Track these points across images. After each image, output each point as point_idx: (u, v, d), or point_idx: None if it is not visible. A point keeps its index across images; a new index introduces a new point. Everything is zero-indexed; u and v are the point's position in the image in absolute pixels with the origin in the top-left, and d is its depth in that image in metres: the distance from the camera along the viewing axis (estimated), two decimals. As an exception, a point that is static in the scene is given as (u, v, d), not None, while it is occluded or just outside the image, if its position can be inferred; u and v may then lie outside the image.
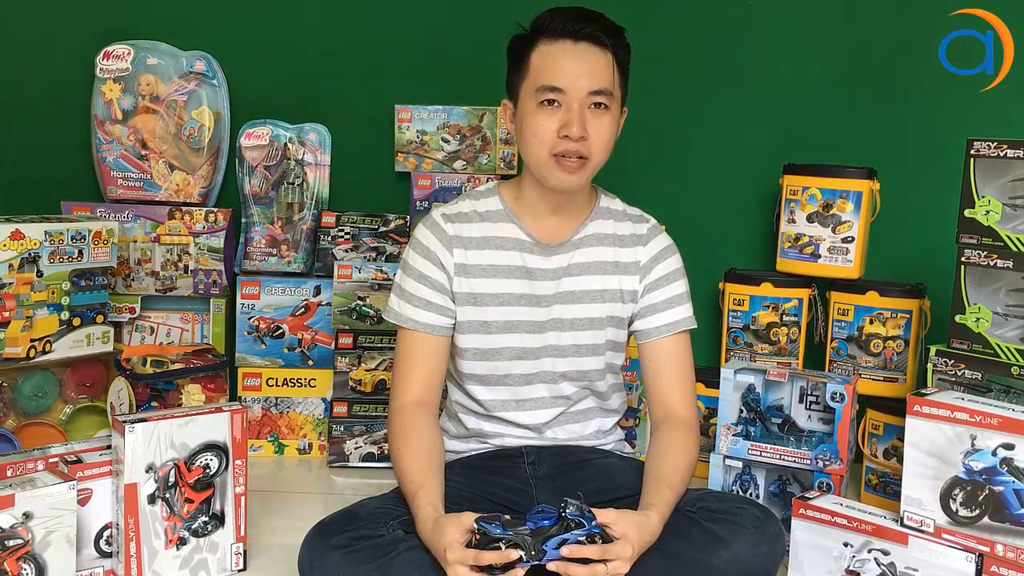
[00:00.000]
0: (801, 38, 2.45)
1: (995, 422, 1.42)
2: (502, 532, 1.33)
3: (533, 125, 1.59)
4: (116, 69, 2.47)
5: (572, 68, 1.57)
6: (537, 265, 1.68)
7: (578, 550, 1.33)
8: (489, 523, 1.34)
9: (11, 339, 2.00)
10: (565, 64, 1.57)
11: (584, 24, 1.58)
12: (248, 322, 2.43)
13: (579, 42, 1.58)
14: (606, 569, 1.34)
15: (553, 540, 1.34)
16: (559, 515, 1.35)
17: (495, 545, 1.33)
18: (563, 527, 1.34)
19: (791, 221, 2.29)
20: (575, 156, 1.58)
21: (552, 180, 1.60)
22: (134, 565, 1.63)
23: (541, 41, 1.60)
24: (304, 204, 2.50)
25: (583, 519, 1.35)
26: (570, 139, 1.56)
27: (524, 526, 1.35)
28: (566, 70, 1.57)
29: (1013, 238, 1.73)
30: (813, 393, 1.89)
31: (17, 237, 2.00)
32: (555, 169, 1.59)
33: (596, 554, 1.34)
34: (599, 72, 1.58)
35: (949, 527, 1.48)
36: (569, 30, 1.58)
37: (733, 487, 1.91)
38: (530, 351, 1.68)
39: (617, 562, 1.35)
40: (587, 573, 1.34)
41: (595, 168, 1.62)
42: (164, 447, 1.64)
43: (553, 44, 1.58)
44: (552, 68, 1.58)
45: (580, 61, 1.58)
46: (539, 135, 1.58)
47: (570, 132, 1.56)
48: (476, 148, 2.50)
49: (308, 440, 2.43)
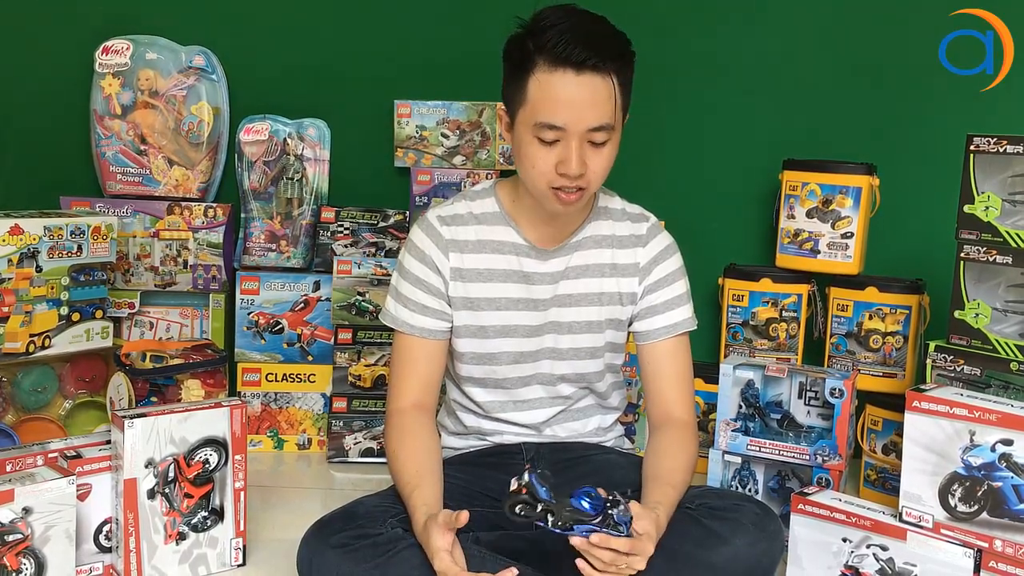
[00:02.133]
0: (801, 35, 2.45)
1: (994, 418, 1.43)
2: (547, 497, 1.32)
3: (531, 156, 1.52)
4: (115, 64, 2.46)
5: (572, 104, 1.47)
6: (534, 269, 1.67)
7: (607, 540, 1.32)
8: (540, 483, 1.32)
9: (10, 334, 2.00)
10: (565, 100, 1.47)
11: (588, 54, 1.46)
12: (247, 317, 2.43)
13: (581, 73, 1.47)
14: (627, 561, 1.34)
15: (585, 527, 1.33)
16: (604, 508, 1.34)
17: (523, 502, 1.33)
18: (604, 522, 1.33)
19: (790, 217, 2.29)
20: (574, 190, 1.53)
21: (550, 207, 1.57)
22: (133, 560, 1.63)
23: (540, 66, 1.48)
24: (303, 199, 2.50)
25: (623, 523, 1.34)
26: (568, 176, 1.50)
27: (567, 500, 1.33)
28: (566, 106, 1.48)
29: (1012, 234, 1.73)
30: (812, 389, 1.89)
31: (16, 232, 2.00)
32: (553, 200, 1.54)
33: (625, 547, 1.33)
34: (601, 106, 1.49)
35: (948, 523, 1.48)
36: (572, 60, 1.46)
37: (732, 483, 1.91)
38: (527, 354, 1.68)
39: (638, 557, 1.35)
40: (610, 560, 1.33)
41: (593, 192, 1.58)
42: (163, 442, 1.64)
43: (553, 73, 1.48)
44: (552, 104, 1.48)
45: (581, 96, 1.47)
46: (537, 168, 1.52)
47: (568, 171, 1.49)
48: (476, 144, 2.50)
49: (307, 435, 2.43)
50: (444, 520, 1.37)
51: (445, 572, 1.35)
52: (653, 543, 1.37)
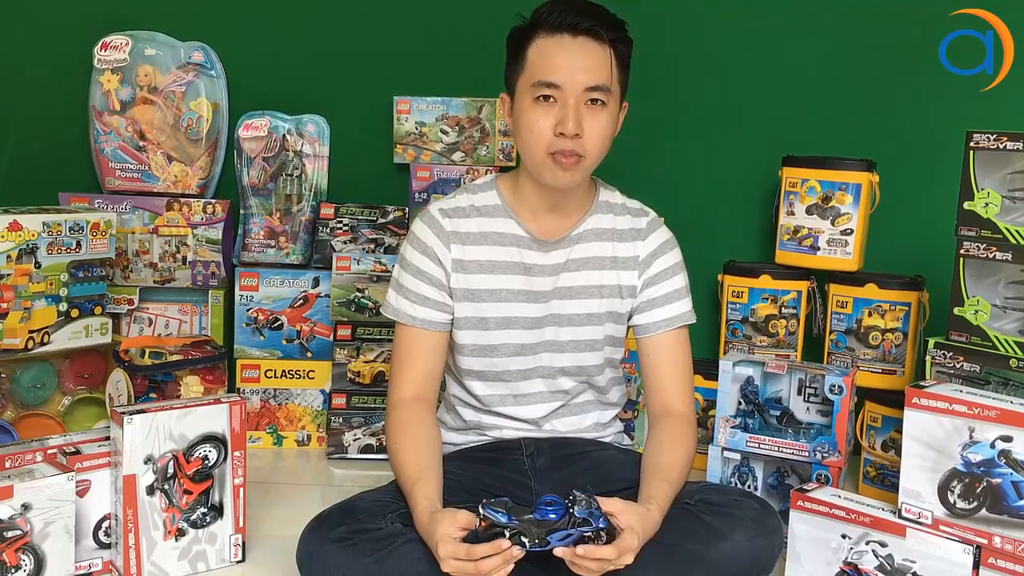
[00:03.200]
0: (801, 32, 2.45)
1: (993, 414, 1.43)
2: (507, 520, 1.32)
3: (529, 122, 1.57)
4: (114, 60, 2.46)
5: (569, 63, 1.55)
6: (535, 261, 1.68)
7: (593, 551, 1.32)
8: (495, 510, 1.33)
9: (9, 330, 2.00)
10: (562, 59, 1.55)
11: (583, 18, 1.55)
12: (246, 314, 2.43)
13: (577, 36, 1.55)
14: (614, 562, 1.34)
15: (558, 534, 1.33)
16: (567, 510, 1.34)
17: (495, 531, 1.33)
18: (570, 523, 1.34)
19: (790, 213, 2.29)
20: (571, 154, 1.56)
21: (548, 178, 1.59)
22: (133, 556, 1.63)
23: (539, 35, 1.57)
24: (302, 196, 2.50)
25: (591, 517, 1.34)
26: (565, 136, 1.54)
27: (530, 515, 1.34)
28: (563, 65, 1.55)
29: (1012, 230, 1.72)
30: (811, 385, 1.89)
31: (15, 228, 1.99)
32: (551, 167, 1.57)
33: (612, 555, 1.33)
34: (597, 68, 1.56)
35: (947, 519, 1.48)
36: (568, 24, 1.55)
37: (731, 479, 1.91)
38: (528, 347, 1.68)
39: (625, 554, 1.35)
40: (596, 566, 1.33)
41: (591, 166, 1.60)
42: (163, 438, 1.64)
43: (551, 38, 1.56)
44: (549, 63, 1.56)
45: (578, 56, 1.55)
46: (535, 132, 1.56)
47: (565, 129, 1.54)
48: (475, 140, 2.50)
49: (307, 432, 2.43)
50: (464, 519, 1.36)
51: (453, 554, 1.34)
52: (638, 538, 1.37)
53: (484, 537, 1.33)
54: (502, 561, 1.32)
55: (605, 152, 1.61)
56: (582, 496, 1.35)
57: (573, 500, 1.34)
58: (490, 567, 1.32)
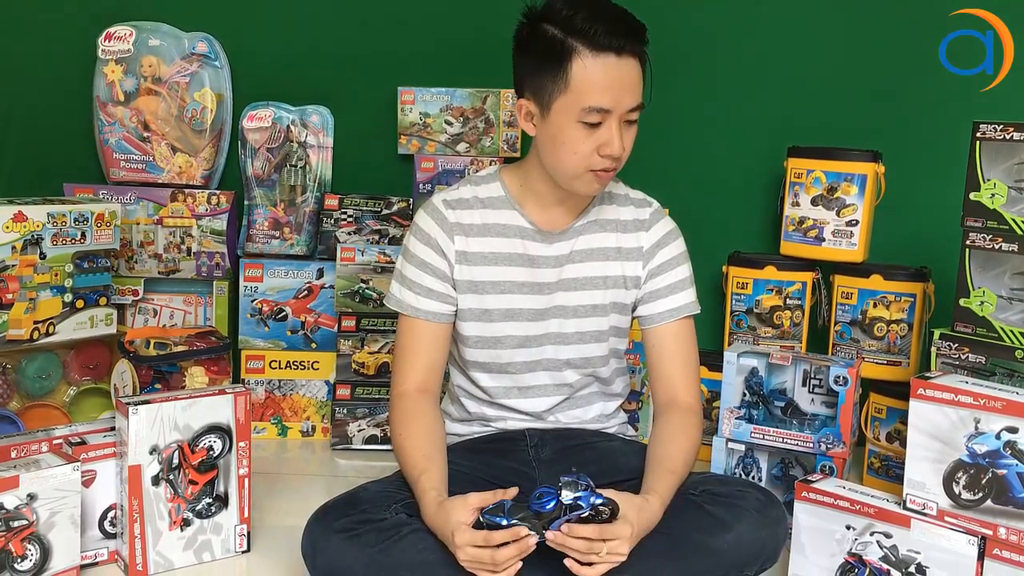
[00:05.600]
0: (806, 22, 2.44)
1: (999, 405, 1.42)
2: (507, 523, 1.33)
3: (573, 142, 1.54)
4: (118, 51, 2.46)
5: (618, 87, 1.52)
6: (539, 252, 1.67)
7: (576, 529, 1.33)
8: (493, 516, 1.34)
9: (14, 321, 2.01)
10: (611, 83, 1.51)
11: (627, 40, 1.51)
12: (251, 304, 2.43)
13: (622, 57, 1.51)
14: (604, 547, 1.34)
15: (556, 522, 1.34)
16: (557, 497, 1.35)
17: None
18: (562, 510, 1.34)
19: (795, 204, 2.28)
20: (612, 169, 1.57)
21: (584, 189, 1.60)
22: (138, 546, 1.64)
23: (583, 52, 1.50)
24: (307, 186, 2.50)
25: (580, 500, 1.34)
26: (611, 157, 1.54)
27: (528, 511, 1.35)
28: (612, 89, 1.51)
29: (1018, 221, 1.72)
30: (816, 376, 1.88)
31: (20, 219, 2.00)
32: (590, 181, 1.57)
33: (594, 534, 1.34)
34: (637, 87, 1.55)
35: (952, 510, 1.48)
36: (615, 46, 1.50)
37: (736, 470, 1.91)
38: (532, 339, 1.68)
39: (616, 542, 1.35)
40: (584, 548, 1.34)
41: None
42: (168, 429, 1.64)
43: (597, 58, 1.50)
44: (600, 88, 1.51)
45: (624, 79, 1.52)
46: (580, 152, 1.54)
47: (612, 151, 1.53)
48: (479, 131, 2.49)
49: (311, 422, 2.43)
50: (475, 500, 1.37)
51: (471, 541, 1.34)
52: (632, 526, 1.37)
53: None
54: (518, 550, 1.33)
55: None
56: (569, 479, 1.35)
57: (560, 488, 1.35)
58: (507, 556, 1.33)
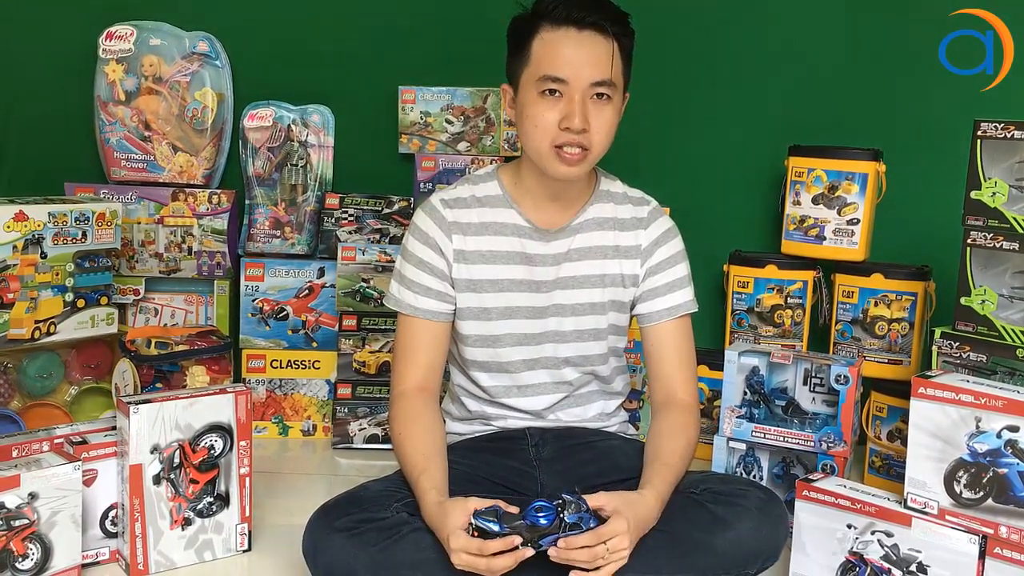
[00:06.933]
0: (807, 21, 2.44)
1: (1000, 404, 1.42)
2: (500, 529, 1.33)
3: (534, 115, 1.56)
4: (119, 50, 2.46)
5: (575, 58, 1.54)
6: (536, 251, 1.67)
7: (573, 540, 1.33)
8: (486, 519, 1.34)
9: (16, 320, 2.01)
10: (568, 54, 1.54)
11: (588, 12, 1.54)
12: (252, 304, 2.43)
13: (583, 30, 1.54)
14: (606, 548, 1.34)
15: (549, 538, 1.34)
16: (556, 515, 1.35)
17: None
18: (561, 528, 1.34)
19: (796, 203, 2.28)
20: (576, 147, 1.56)
21: (552, 170, 1.59)
22: (139, 545, 1.64)
23: (543, 27, 1.56)
24: (308, 186, 2.50)
25: (580, 520, 1.35)
26: (571, 131, 1.54)
27: (522, 521, 1.34)
28: (569, 60, 1.54)
29: (1019, 220, 1.72)
30: (817, 375, 1.88)
31: (21, 219, 2.00)
32: (556, 160, 1.57)
33: (591, 539, 1.34)
34: (602, 62, 1.55)
35: (953, 509, 1.48)
36: (573, 17, 1.54)
37: (737, 469, 1.91)
38: (531, 337, 1.68)
39: (615, 539, 1.35)
40: (588, 556, 1.34)
41: (596, 158, 1.60)
42: (169, 428, 1.64)
43: (556, 31, 1.55)
44: (554, 57, 1.55)
45: (583, 51, 1.55)
46: (540, 126, 1.56)
47: (572, 124, 1.54)
48: (480, 130, 2.49)
49: (312, 422, 2.43)
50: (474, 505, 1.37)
51: (465, 547, 1.34)
52: (626, 520, 1.37)
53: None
54: (514, 560, 1.33)
55: (609, 144, 1.61)
56: (571, 499, 1.35)
57: (563, 505, 1.35)
58: (502, 565, 1.33)
